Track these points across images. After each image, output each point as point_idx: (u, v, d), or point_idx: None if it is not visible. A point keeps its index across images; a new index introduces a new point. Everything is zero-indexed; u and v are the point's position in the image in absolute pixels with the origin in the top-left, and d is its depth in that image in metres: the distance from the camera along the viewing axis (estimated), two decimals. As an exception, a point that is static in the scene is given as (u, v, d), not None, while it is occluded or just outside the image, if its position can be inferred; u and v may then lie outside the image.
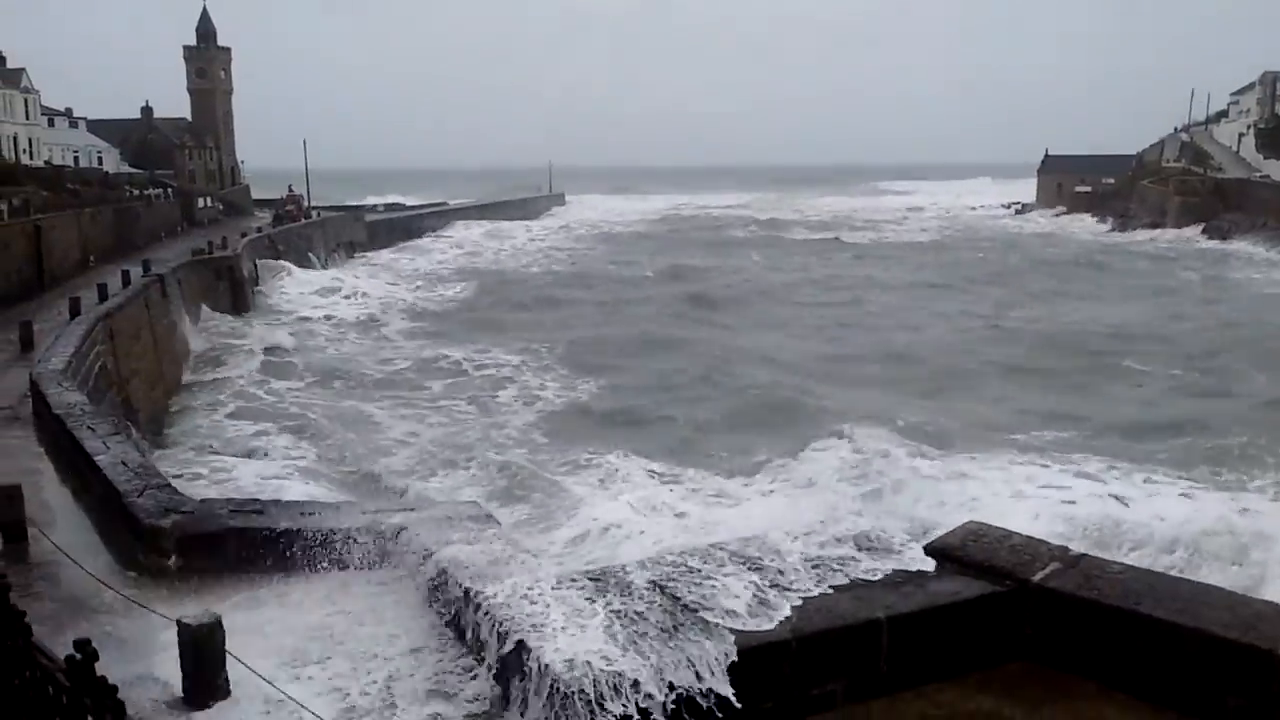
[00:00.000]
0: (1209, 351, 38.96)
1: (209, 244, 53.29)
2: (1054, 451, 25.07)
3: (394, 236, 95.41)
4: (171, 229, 68.49)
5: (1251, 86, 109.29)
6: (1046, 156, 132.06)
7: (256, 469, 22.93)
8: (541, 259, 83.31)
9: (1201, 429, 26.78)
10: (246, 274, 51.99)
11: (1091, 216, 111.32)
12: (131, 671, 7.26)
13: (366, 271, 71.30)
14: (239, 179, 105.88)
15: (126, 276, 37.16)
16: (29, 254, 40.62)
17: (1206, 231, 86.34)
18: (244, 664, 6.89)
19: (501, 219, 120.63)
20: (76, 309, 29.60)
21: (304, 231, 74.98)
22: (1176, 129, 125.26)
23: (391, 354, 41.38)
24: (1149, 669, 6.60)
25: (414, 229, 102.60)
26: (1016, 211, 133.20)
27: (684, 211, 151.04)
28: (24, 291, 38.18)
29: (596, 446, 25.61)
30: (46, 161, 74.37)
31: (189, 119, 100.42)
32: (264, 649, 7.45)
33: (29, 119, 78.12)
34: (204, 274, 47.43)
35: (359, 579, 8.91)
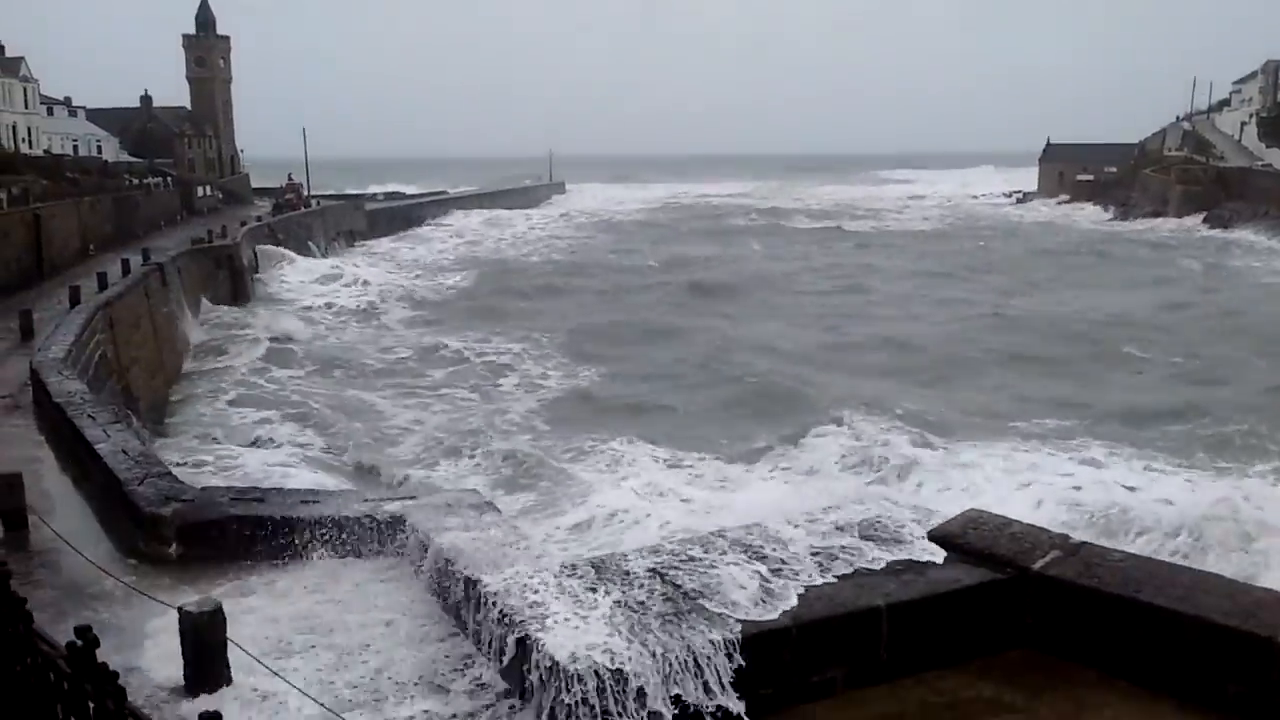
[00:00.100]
0: (1210, 339, 38.96)
1: (209, 233, 53.29)
2: (1055, 439, 25.08)
3: (394, 225, 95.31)
4: (171, 218, 68.43)
5: (1254, 75, 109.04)
6: (1048, 145, 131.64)
7: (261, 457, 22.98)
8: (541, 247, 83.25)
9: (1202, 416, 26.77)
10: (246, 262, 51.97)
11: (1093, 205, 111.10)
12: (132, 658, 7.28)
13: (366, 260, 71.17)
14: (239, 168, 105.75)
15: (126, 265, 37.15)
16: (28, 242, 40.58)
17: (1208, 220, 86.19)
18: (248, 653, 6.90)
19: (501, 207, 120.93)
20: (76, 298, 29.56)
21: (304, 220, 74.98)
22: (1178, 118, 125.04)
23: (392, 342, 41.42)
24: (1149, 657, 6.61)
25: (414, 217, 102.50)
26: (1018, 200, 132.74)
27: (684, 200, 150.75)
28: (23, 280, 38.13)
29: (599, 433, 25.68)
30: (45, 150, 74.27)
31: (188, 108, 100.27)
32: (251, 636, 7.45)
33: (28, 108, 77.96)
34: (204, 263, 47.43)
35: (358, 566, 8.91)
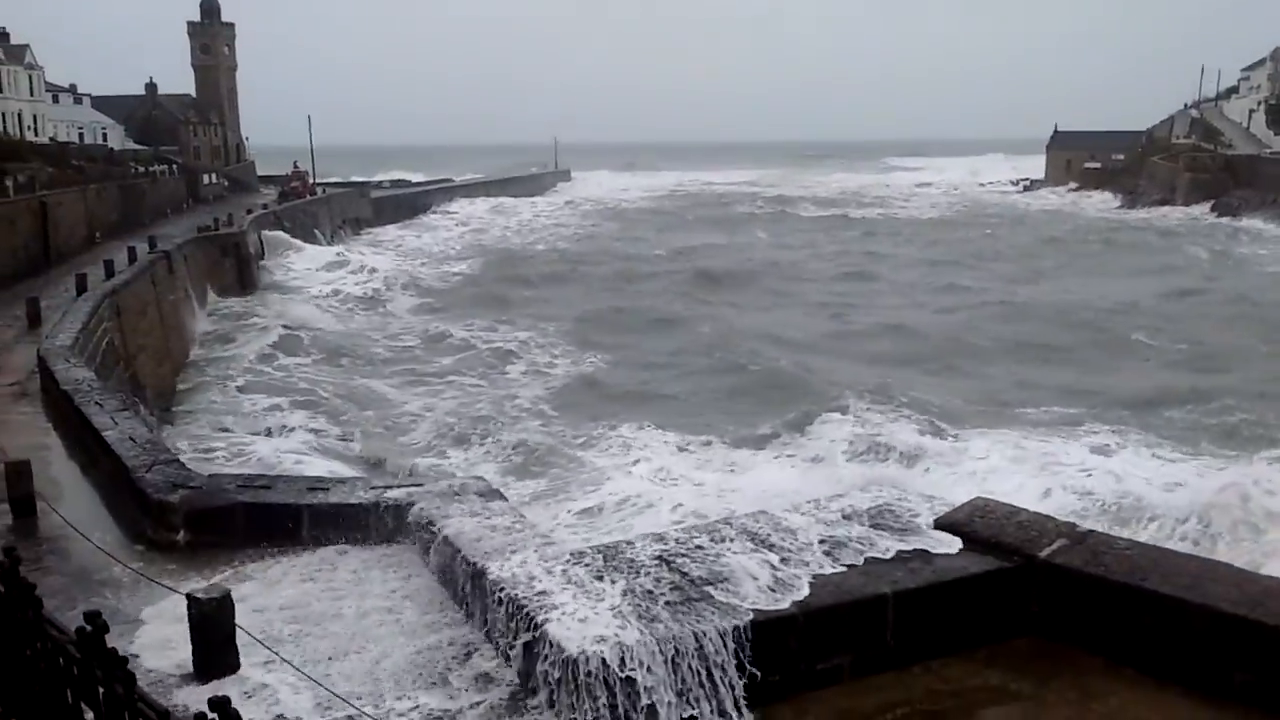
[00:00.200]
0: (1217, 327, 38.86)
1: (215, 220, 53.28)
2: (1062, 426, 25.04)
3: (399, 213, 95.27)
4: (177, 205, 68.48)
5: (1262, 62, 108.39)
6: (1056, 132, 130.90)
7: (273, 445, 23.05)
8: (547, 235, 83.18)
9: (1210, 403, 26.69)
10: (252, 250, 51.98)
11: (1101, 193, 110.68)
12: (140, 644, 7.32)
13: (372, 248, 71.10)
14: (244, 155, 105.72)
15: (133, 253, 37.16)
16: (35, 230, 40.63)
17: (1216, 208, 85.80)
18: (255, 638, 6.93)
19: (507, 195, 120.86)
20: (83, 285, 29.59)
21: (309, 208, 74.94)
22: (1186, 105, 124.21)
23: (399, 329, 41.42)
24: (1156, 645, 6.61)
25: (420, 205, 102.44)
26: (1025, 188, 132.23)
27: (690, 188, 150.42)
28: (30, 268, 38.22)
29: (607, 420, 25.80)
30: (51, 138, 74.24)
31: (193, 95, 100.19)
32: (257, 622, 7.48)
33: (33, 95, 77.88)
34: (210, 250, 47.44)
35: (364, 553, 8.93)
